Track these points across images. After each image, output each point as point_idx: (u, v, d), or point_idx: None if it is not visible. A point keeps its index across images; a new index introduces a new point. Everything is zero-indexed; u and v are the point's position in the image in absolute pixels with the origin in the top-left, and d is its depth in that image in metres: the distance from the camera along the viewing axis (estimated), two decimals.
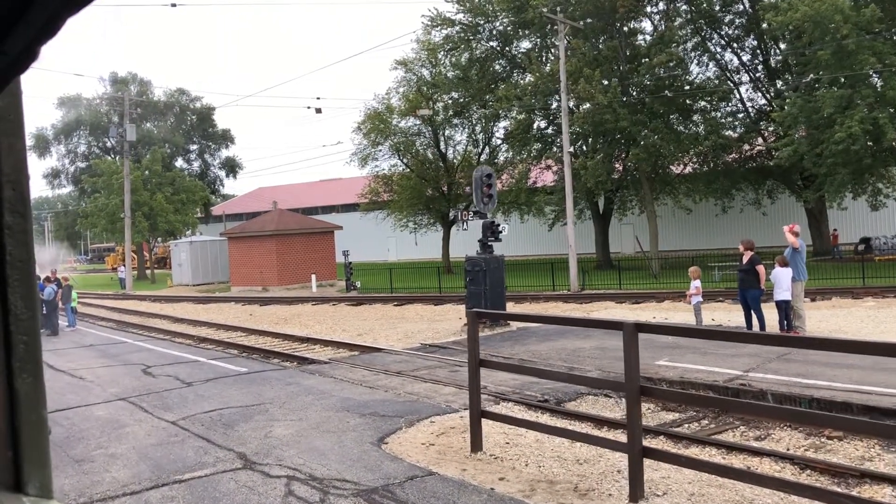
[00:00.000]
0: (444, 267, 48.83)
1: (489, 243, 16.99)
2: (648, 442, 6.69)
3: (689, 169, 40.62)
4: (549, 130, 40.89)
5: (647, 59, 34.06)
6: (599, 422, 9.05)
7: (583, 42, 34.04)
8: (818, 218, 37.53)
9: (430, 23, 43.92)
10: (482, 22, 43.56)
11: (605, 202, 43.47)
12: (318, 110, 37.79)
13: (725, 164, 37.08)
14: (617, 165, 37.96)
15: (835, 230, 37.32)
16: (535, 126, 41.50)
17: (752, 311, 13.51)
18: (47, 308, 22.10)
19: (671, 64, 32.95)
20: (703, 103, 38.38)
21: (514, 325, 17.20)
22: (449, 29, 43.80)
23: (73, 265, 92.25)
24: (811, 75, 27.61)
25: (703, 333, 6.84)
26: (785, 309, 13.02)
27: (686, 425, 9.19)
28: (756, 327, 13.35)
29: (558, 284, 30.06)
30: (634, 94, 34.73)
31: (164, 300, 35.85)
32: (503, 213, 50.65)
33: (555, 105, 37.64)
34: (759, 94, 40.05)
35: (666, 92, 34.63)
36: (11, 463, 1.29)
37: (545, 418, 8.59)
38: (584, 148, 39.73)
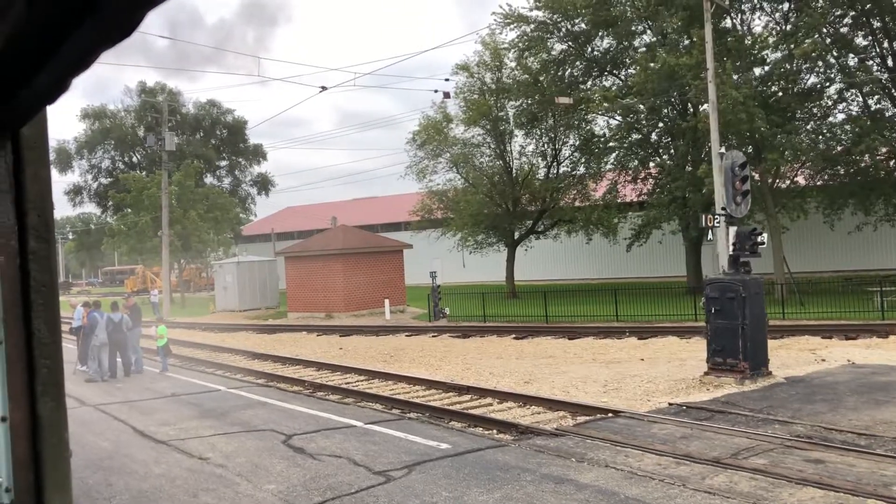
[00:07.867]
0: (509, 291, 44.38)
1: (743, 259, 12.19)
2: None
3: (800, 180, 35.92)
4: (653, 136, 36.29)
5: (776, 53, 29.60)
6: None
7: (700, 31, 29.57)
8: None
9: (501, 20, 39.72)
10: (560, 20, 39.29)
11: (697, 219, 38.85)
12: (447, 94, 33.61)
13: (861, 173, 32.33)
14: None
15: None
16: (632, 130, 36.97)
17: None
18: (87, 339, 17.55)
19: (814, 55, 28.42)
20: (814, 107, 33.82)
21: (777, 374, 12.42)
22: (525, 27, 39.54)
23: (85, 289, 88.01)
24: None
25: None
26: None
27: None
28: None
29: (681, 314, 25.40)
30: (760, 92, 30.21)
31: (218, 329, 31.06)
32: (568, 231, 46.04)
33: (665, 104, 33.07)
34: (878, 97, 35.43)
35: (794, 89, 30.18)
36: (33, 486, 1.28)
37: None
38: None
